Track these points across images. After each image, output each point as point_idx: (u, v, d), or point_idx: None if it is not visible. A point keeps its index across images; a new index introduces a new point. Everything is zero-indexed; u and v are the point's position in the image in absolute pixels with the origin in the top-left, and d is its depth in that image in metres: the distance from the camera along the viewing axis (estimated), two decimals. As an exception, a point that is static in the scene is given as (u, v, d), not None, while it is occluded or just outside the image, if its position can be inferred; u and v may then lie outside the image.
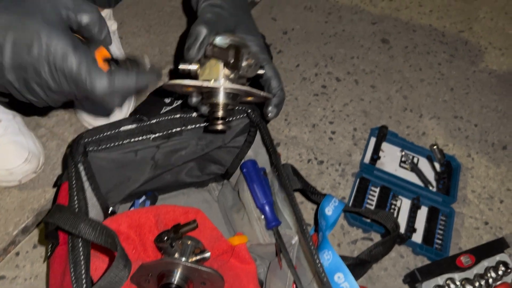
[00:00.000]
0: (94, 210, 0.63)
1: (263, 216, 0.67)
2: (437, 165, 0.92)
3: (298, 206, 0.58)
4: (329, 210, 0.68)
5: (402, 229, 0.82)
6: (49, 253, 0.59)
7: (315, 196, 0.69)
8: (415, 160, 0.93)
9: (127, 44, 1.00)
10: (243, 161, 0.73)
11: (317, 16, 1.17)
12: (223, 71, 0.51)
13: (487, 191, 0.92)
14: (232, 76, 0.52)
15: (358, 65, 1.09)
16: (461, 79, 1.10)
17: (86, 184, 0.61)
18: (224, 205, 0.78)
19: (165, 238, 0.62)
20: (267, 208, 0.66)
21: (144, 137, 0.65)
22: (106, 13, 0.83)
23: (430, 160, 0.91)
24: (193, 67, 0.53)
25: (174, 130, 0.67)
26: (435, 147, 0.91)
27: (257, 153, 0.72)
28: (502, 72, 1.14)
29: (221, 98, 0.53)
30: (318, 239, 0.65)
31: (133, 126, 0.64)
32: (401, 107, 1.03)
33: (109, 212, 0.74)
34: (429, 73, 1.10)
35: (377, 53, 1.12)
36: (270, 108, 0.57)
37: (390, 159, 0.92)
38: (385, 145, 0.93)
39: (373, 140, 0.93)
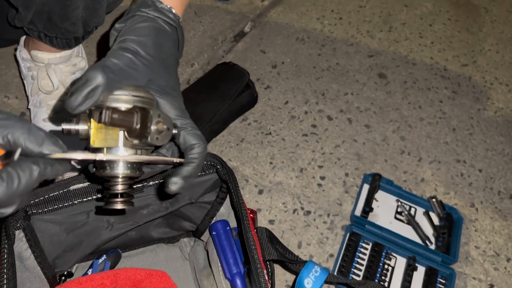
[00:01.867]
0: (38, 281, 0.55)
1: (233, 288, 0.59)
2: (436, 218, 0.83)
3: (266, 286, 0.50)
4: (308, 282, 0.59)
5: (395, 295, 0.73)
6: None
7: (293, 266, 0.61)
8: (412, 211, 0.84)
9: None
10: (214, 219, 0.65)
11: (310, 49, 1.10)
12: (123, 137, 0.41)
13: (492, 247, 0.83)
14: (135, 142, 0.41)
15: (352, 102, 1.01)
16: (464, 118, 1.02)
17: (28, 252, 0.53)
18: (195, 266, 0.70)
19: (118, 314, 0.54)
20: (237, 280, 0.58)
21: (99, 195, 0.58)
22: (72, 49, 0.76)
23: (428, 215, 0.82)
24: (82, 127, 0.41)
25: (134, 187, 0.60)
26: (433, 199, 0.82)
27: (230, 210, 0.64)
28: (509, 111, 1.05)
29: (120, 170, 0.42)
30: (293, 320, 0.56)
31: (85, 184, 0.57)
32: (398, 149, 0.94)
33: (65, 273, 0.66)
34: (430, 112, 1.02)
35: (373, 89, 1.04)
36: (174, 179, 0.44)
37: (385, 210, 0.83)
38: (379, 194, 0.85)
39: (366, 188, 0.85)
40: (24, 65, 0.77)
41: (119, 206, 0.43)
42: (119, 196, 0.43)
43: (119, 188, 0.42)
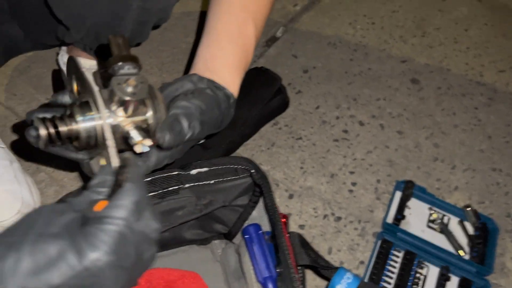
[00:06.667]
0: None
1: (264, 292, 0.59)
2: (470, 228, 0.81)
3: (300, 293, 0.50)
4: (340, 288, 0.59)
5: (428, 304, 0.72)
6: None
7: (325, 272, 0.61)
8: (446, 220, 0.82)
9: (137, 83, 0.96)
10: (246, 222, 0.66)
11: (341, 53, 1.10)
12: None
13: (529, 259, 0.80)
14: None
15: (384, 107, 1.00)
16: (501, 125, 1.00)
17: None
18: (226, 269, 0.71)
19: None
20: (269, 284, 0.58)
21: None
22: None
23: (462, 224, 0.81)
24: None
25: (170, 189, 0.61)
26: (468, 209, 0.81)
27: (263, 214, 0.65)
28: (548, 118, 1.02)
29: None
30: (325, 325, 0.56)
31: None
32: (431, 156, 0.93)
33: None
34: (464, 118, 1.00)
35: (406, 95, 1.03)
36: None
37: (417, 218, 0.82)
38: (412, 201, 0.84)
39: (398, 195, 0.84)
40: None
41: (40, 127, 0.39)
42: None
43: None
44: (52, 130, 0.39)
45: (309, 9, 1.20)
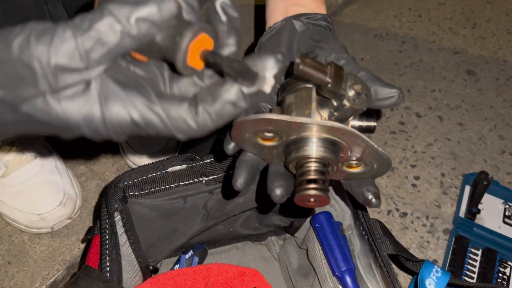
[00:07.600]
0: (132, 271, 0.51)
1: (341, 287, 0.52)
2: (554, 223, 0.73)
3: (398, 283, 0.43)
4: (430, 283, 0.52)
5: (517, 308, 0.63)
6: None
7: (410, 264, 0.53)
8: (524, 215, 0.74)
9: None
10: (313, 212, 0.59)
11: (389, 45, 1.04)
12: (315, 102, 0.35)
13: None
14: (327, 115, 0.35)
15: (440, 99, 0.93)
16: None
17: (123, 238, 0.49)
18: (286, 266, 0.64)
19: None
20: (347, 277, 0.51)
21: (196, 180, 0.53)
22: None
23: (548, 217, 0.73)
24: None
25: (231, 172, 0.55)
26: (554, 200, 0.72)
27: (332, 203, 0.58)
28: None
29: (313, 148, 0.34)
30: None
31: (183, 166, 0.53)
32: (497, 149, 0.85)
33: (151, 269, 0.61)
34: (529, 110, 0.93)
35: (463, 86, 0.96)
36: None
37: (491, 213, 0.74)
38: (483, 196, 0.76)
39: (467, 189, 0.76)
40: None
41: (312, 192, 0.33)
42: (311, 183, 0.33)
43: (312, 172, 0.34)
44: (323, 186, 0.34)
45: (351, 2, 1.15)
